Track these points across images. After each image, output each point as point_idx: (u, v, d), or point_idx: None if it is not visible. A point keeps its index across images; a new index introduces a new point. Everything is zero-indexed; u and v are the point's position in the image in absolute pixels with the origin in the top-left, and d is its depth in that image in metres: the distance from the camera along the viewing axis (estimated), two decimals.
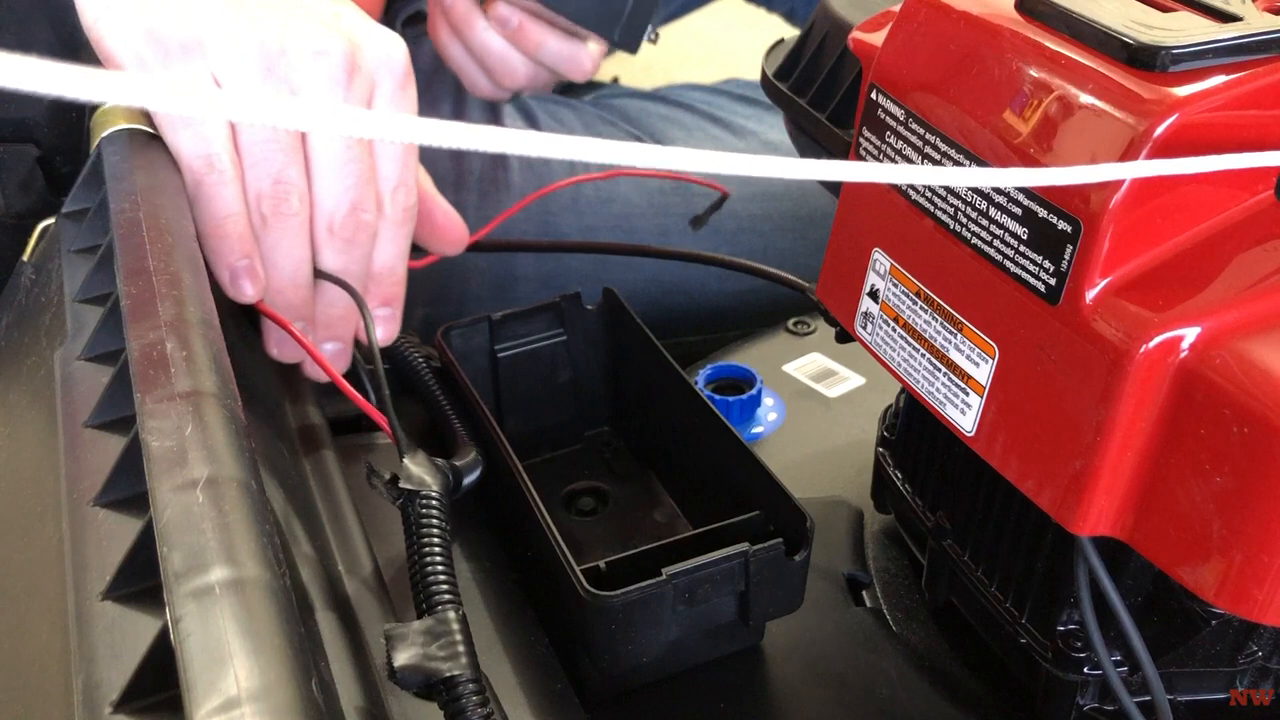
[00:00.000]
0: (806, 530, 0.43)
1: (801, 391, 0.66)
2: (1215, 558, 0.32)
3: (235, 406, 0.29)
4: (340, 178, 0.44)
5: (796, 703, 0.46)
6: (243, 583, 0.22)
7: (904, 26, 0.40)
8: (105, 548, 0.27)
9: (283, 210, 0.43)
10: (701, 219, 0.65)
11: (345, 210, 0.44)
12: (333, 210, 0.44)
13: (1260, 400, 0.30)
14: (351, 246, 0.45)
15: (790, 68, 0.52)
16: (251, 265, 0.42)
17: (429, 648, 0.34)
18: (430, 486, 0.40)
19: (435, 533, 0.39)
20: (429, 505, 0.40)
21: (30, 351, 0.37)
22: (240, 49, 0.42)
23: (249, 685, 0.20)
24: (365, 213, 0.45)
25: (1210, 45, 0.32)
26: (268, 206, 0.43)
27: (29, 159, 0.56)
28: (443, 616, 0.35)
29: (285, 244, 0.44)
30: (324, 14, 0.44)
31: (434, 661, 0.34)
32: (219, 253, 0.42)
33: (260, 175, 0.42)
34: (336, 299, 0.47)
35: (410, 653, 0.34)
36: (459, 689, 0.34)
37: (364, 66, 0.44)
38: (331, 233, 0.45)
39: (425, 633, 0.35)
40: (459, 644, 0.35)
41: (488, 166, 0.82)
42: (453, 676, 0.34)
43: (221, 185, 0.41)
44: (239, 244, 0.42)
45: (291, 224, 0.43)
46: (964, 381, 0.37)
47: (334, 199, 0.44)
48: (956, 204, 0.37)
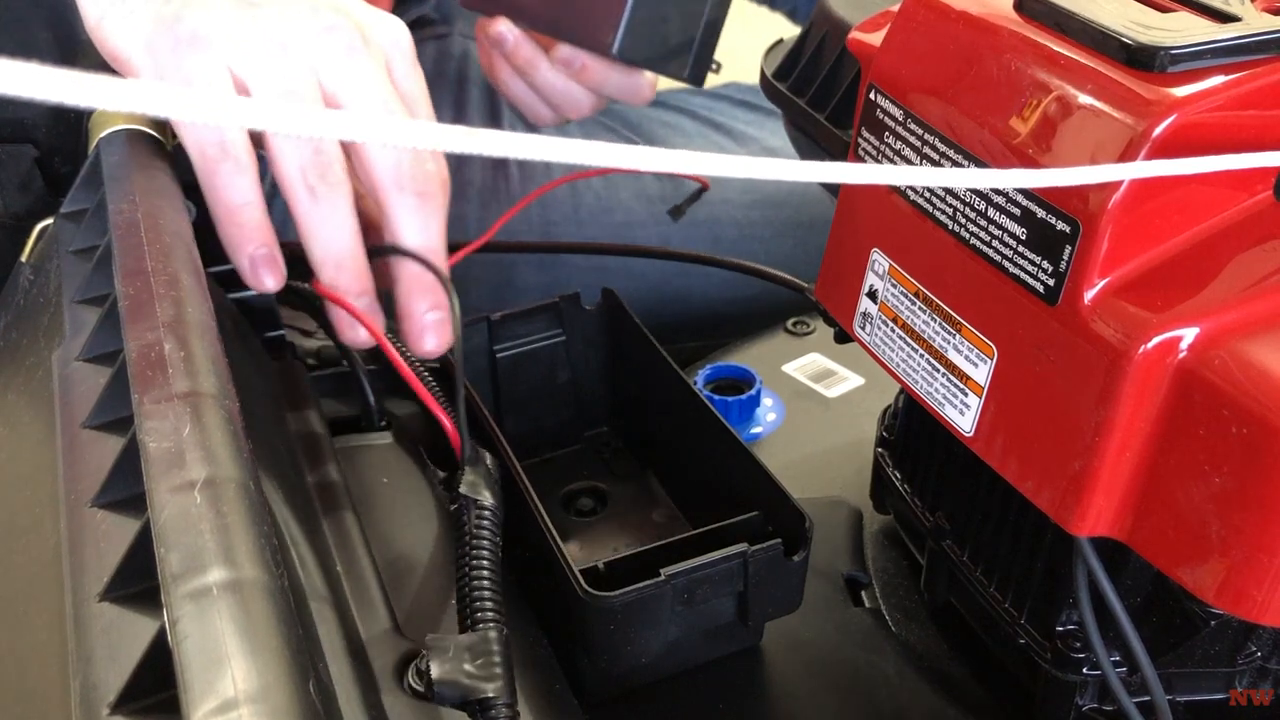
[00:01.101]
0: (805, 530, 0.43)
1: (801, 392, 0.66)
2: (1214, 558, 0.32)
3: (233, 407, 0.29)
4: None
5: (795, 703, 0.46)
6: (240, 584, 0.22)
7: (903, 27, 0.40)
8: (103, 549, 0.27)
9: (329, 179, 0.41)
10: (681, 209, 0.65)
11: (410, 161, 0.42)
12: (396, 166, 0.42)
13: (1259, 401, 0.30)
14: (426, 200, 0.43)
15: (789, 68, 0.52)
16: (271, 253, 0.41)
17: (469, 664, 0.34)
18: (488, 499, 0.40)
19: (486, 548, 0.39)
20: (482, 517, 0.39)
21: (29, 352, 0.37)
22: (251, 37, 0.41)
23: (246, 686, 0.20)
24: (429, 163, 0.43)
25: (1209, 45, 0.32)
26: (314, 177, 0.41)
27: (27, 159, 0.56)
28: (485, 635, 0.35)
29: (337, 215, 0.41)
30: (323, 2, 0.44)
31: (472, 679, 0.34)
32: (237, 241, 0.41)
33: (299, 148, 0.41)
34: (420, 275, 0.43)
35: (448, 666, 0.34)
36: (493, 712, 0.33)
37: (374, 42, 0.43)
38: (402, 189, 0.42)
39: (467, 649, 0.34)
40: (498, 665, 0.34)
41: (488, 175, 0.82)
42: (489, 699, 0.34)
43: (236, 173, 0.40)
44: (257, 232, 0.41)
45: (340, 192, 0.41)
46: (963, 382, 0.37)
47: (393, 154, 0.42)
48: (955, 204, 0.37)
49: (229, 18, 0.41)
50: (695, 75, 0.65)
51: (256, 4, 0.42)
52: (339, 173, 0.41)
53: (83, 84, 0.18)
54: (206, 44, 0.41)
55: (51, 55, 0.57)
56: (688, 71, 0.64)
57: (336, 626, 0.36)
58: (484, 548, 0.39)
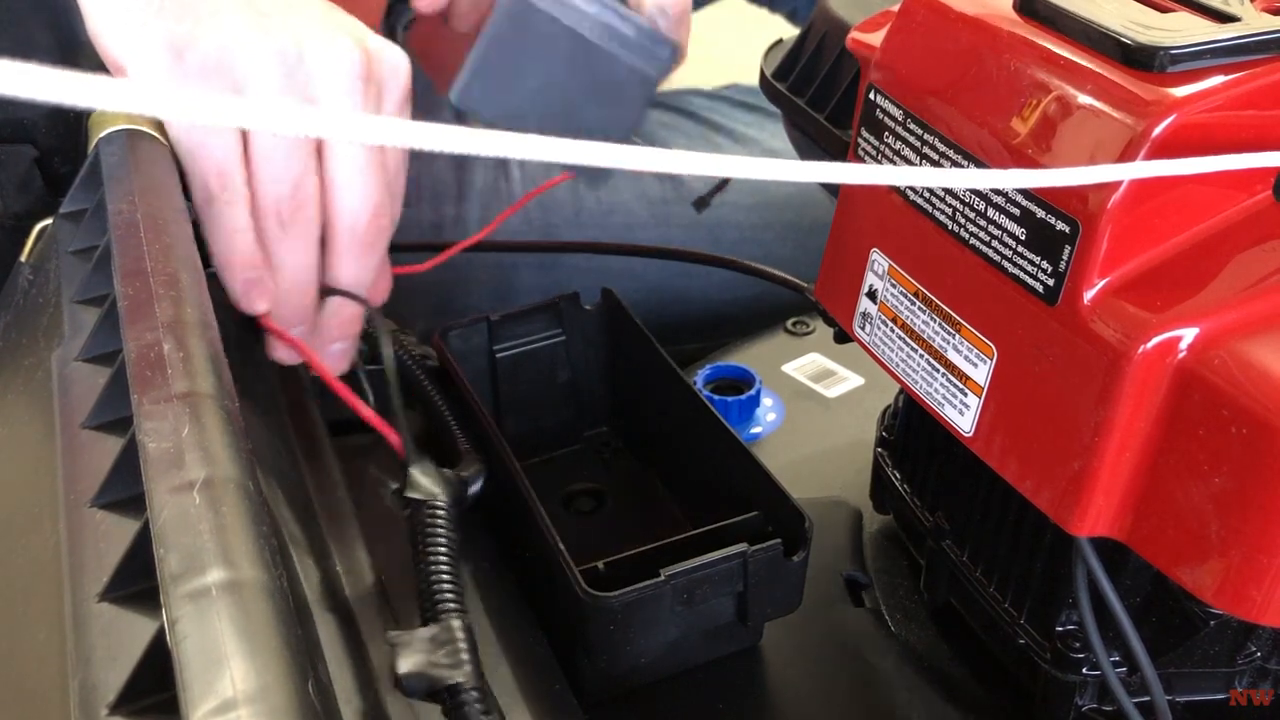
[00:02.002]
0: (805, 531, 0.43)
1: (800, 392, 0.66)
2: (1213, 558, 0.32)
3: (233, 407, 0.29)
4: (363, 184, 0.44)
5: (795, 703, 0.46)
6: (239, 584, 0.22)
7: (902, 27, 0.40)
8: (102, 549, 0.27)
9: (299, 218, 0.43)
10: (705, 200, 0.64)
11: (369, 215, 0.44)
12: (357, 215, 0.44)
13: (1259, 401, 0.30)
14: (371, 252, 0.45)
15: (789, 68, 0.52)
16: (261, 278, 0.43)
17: (433, 655, 0.34)
18: (438, 497, 0.40)
19: (441, 541, 0.39)
20: (434, 514, 0.40)
21: (28, 352, 0.37)
22: (259, 58, 0.41)
23: (245, 687, 0.20)
24: (384, 218, 0.45)
25: (1208, 45, 0.32)
26: (286, 214, 0.43)
27: (27, 159, 0.56)
28: (447, 624, 0.35)
29: (299, 252, 0.44)
30: (335, 20, 0.44)
31: (438, 669, 0.34)
32: (231, 267, 0.43)
33: (279, 184, 0.42)
34: (343, 305, 0.47)
35: (415, 660, 0.34)
36: (462, 697, 0.33)
37: (375, 74, 0.44)
38: (355, 238, 0.45)
39: (430, 640, 0.35)
40: (463, 652, 0.35)
41: (490, 178, 0.82)
42: (457, 685, 0.34)
43: (232, 204, 0.42)
44: (250, 258, 0.43)
45: (308, 230, 0.44)
46: (962, 382, 0.37)
47: (359, 203, 0.44)
48: (955, 204, 0.37)
49: (238, 40, 0.41)
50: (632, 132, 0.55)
51: (270, 25, 0.42)
52: (310, 213, 0.43)
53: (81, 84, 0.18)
54: (212, 66, 0.41)
55: (51, 56, 0.57)
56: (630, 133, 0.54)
57: (336, 627, 0.36)
58: (439, 542, 0.39)
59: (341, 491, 0.44)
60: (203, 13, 0.41)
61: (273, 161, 0.42)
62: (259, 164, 0.42)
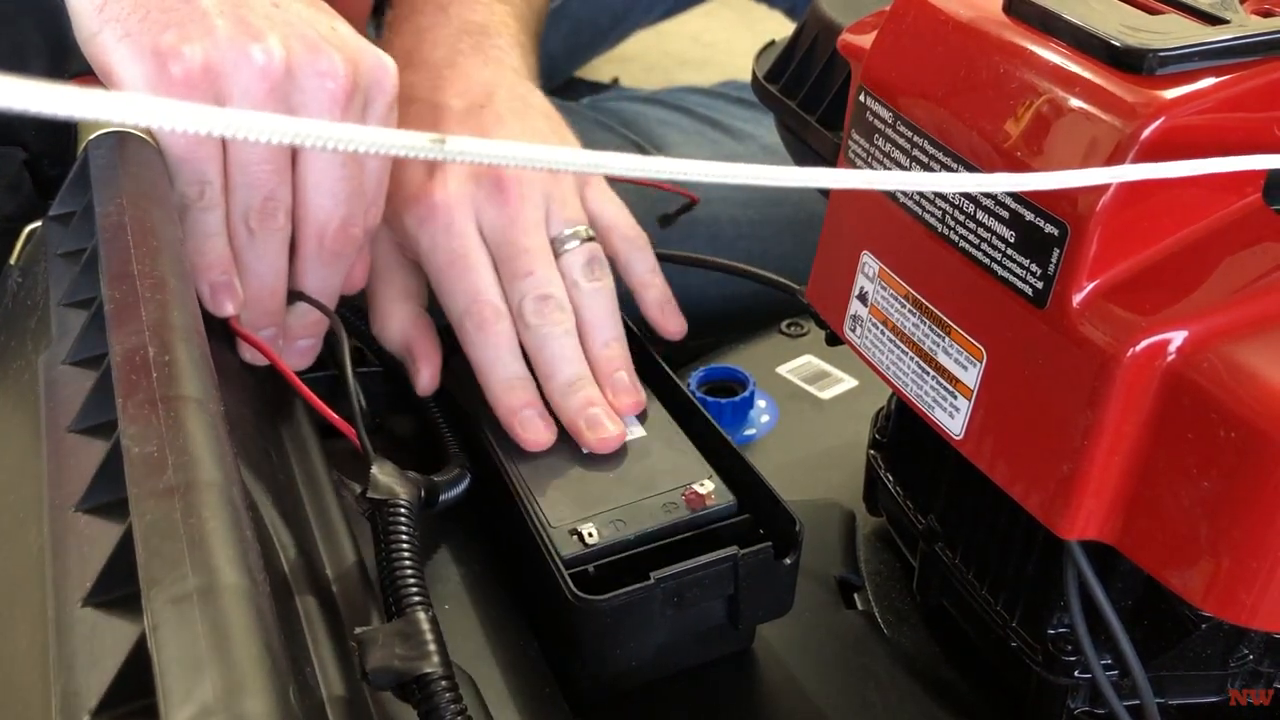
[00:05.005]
0: (796, 533, 0.43)
1: (794, 393, 0.66)
2: (1203, 562, 0.31)
3: (217, 411, 0.28)
4: (334, 193, 0.45)
5: (787, 706, 0.46)
6: (220, 590, 0.22)
7: (893, 29, 0.40)
8: (86, 554, 0.26)
9: (269, 225, 0.44)
10: (671, 218, 0.65)
11: (337, 225, 0.46)
12: (324, 224, 0.46)
13: (1247, 404, 0.30)
14: (338, 260, 0.47)
15: (781, 69, 0.52)
16: (230, 281, 0.44)
17: (400, 648, 0.34)
18: (399, 496, 0.40)
19: (403, 538, 0.39)
20: (395, 513, 0.40)
21: (15, 355, 0.37)
22: (243, 70, 0.42)
23: (224, 693, 0.20)
24: (355, 227, 0.47)
25: (1198, 48, 0.32)
26: (255, 221, 0.44)
27: (16, 162, 0.56)
28: (412, 617, 0.35)
29: (268, 257, 0.45)
30: (321, 29, 0.44)
31: (405, 661, 0.34)
32: (200, 270, 0.44)
33: (252, 192, 0.44)
34: (309, 309, 0.48)
35: (381, 654, 0.34)
36: (431, 686, 0.33)
37: (360, 86, 0.45)
38: (322, 246, 0.46)
39: (396, 634, 0.35)
40: (429, 643, 0.34)
41: None
42: (425, 675, 0.34)
43: (208, 211, 0.43)
44: (220, 261, 0.44)
45: (276, 237, 0.45)
46: (952, 385, 0.37)
47: (327, 214, 0.45)
48: (944, 207, 0.37)
49: (224, 52, 0.41)
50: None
51: (255, 30, 0.42)
52: (281, 220, 0.45)
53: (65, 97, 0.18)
54: (198, 78, 0.41)
55: (42, 57, 0.57)
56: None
57: (325, 629, 0.36)
58: (400, 539, 0.39)
59: (329, 494, 0.44)
60: (188, 22, 0.41)
61: (247, 170, 0.43)
62: (234, 172, 0.43)
